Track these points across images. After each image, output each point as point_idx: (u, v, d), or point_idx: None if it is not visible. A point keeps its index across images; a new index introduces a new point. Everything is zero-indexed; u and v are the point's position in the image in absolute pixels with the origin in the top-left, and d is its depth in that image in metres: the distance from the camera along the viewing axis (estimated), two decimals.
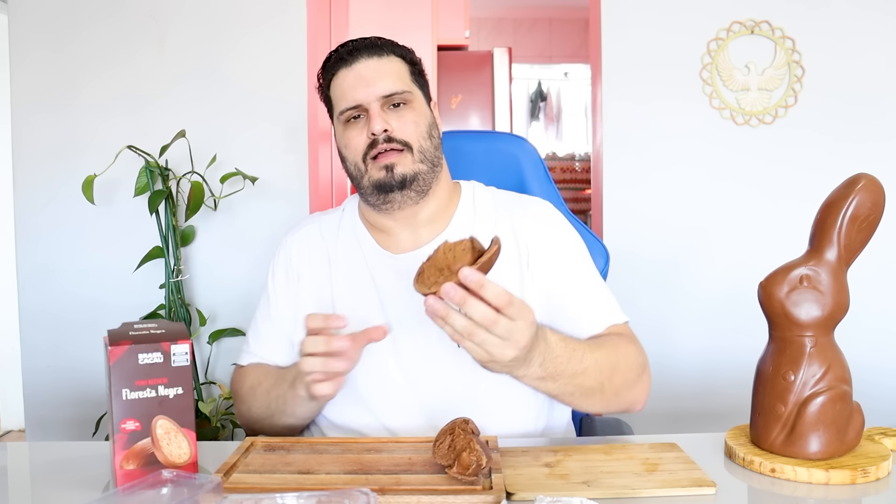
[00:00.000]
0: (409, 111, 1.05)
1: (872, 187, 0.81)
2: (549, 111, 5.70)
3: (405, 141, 1.03)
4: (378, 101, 1.03)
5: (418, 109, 1.06)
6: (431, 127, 1.07)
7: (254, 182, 1.94)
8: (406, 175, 1.02)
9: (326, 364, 0.88)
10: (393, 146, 1.02)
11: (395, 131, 1.03)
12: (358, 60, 1.05)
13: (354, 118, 1.05)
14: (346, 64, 1.05)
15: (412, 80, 1.08)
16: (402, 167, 1.02)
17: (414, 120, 1.04)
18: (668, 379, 2.10)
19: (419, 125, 1.05)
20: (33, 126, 2.00)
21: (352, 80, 1.04)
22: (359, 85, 1.04)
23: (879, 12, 2.06)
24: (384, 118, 1.02)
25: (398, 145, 1.02)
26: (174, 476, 0.73)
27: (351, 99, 1.04)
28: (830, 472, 0.78)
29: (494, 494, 0.72)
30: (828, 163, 2.08)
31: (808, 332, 0.82)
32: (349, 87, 1.04)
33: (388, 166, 1.02)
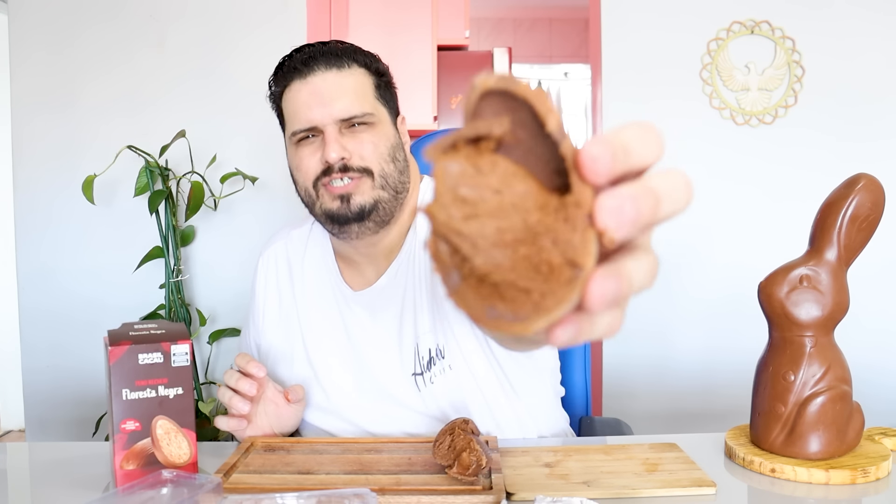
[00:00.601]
0: (370, 133, 0.93)
1: (872, 187, 0.81)
2: None
3: (364, 167, 0.92)
4: (335, 123, 0.92)
5: (381, 131, 0.94)
6: (395, 149, 0.95)
7: (254, 182, 1.94)
8: (364, 205, 0.92)
9: (231, 399, 0.91)
10: (350, 174, 0.92)
11: (352, 158, 0.92)
12: (314, 72, 0.93)
13: (307, 137, 0.94)
14: (301, 75, 0.94)
15: (376, 97, 0.96)
16: (359, 196, 0.92)
17: (374, 142, 0.93)
18: (668, 379, 2.10)
19: (380, 148, 0.93)
20: (34, 127, 2.00)
21: (306, 97, 0.93)
22: (314, 103, 0.92)
23: (879, 12, 2.06)
24: (341, 143, 0.91)
25: (355, 173, 0.92)
26: (174, 476, 0.73)
27: (304, 119, 0.93)
28: (830, 472, 0.78)
29: (494, 494, 0.71)
30: (828, 163, 2.08)
31: (808, 332, 0.82)
32: (303, 104, 0.93)
33: (344, 196, 0.92)
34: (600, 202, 0.27)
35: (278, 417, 0.96)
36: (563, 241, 0.28)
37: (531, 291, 0.28)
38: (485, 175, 0.29)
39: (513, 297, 0.28)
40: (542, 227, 0.28)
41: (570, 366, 1.21)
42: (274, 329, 1.07)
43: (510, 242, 0.28)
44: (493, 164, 0.29)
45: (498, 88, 0.29)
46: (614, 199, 0.26)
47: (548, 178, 0.29)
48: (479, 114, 0.30)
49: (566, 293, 0.27)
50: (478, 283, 0.29)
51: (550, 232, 0.28)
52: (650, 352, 2.11)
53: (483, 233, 0.29)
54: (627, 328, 2.11)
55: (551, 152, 0.29)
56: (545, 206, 0.28)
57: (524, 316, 0.28)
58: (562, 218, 0.28)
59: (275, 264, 1.10)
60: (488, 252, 0.29)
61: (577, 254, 0.27)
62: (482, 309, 0.29)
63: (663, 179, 0.28)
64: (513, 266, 0.28)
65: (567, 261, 0.28)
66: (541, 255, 0.28)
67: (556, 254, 0.28)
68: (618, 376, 2.11)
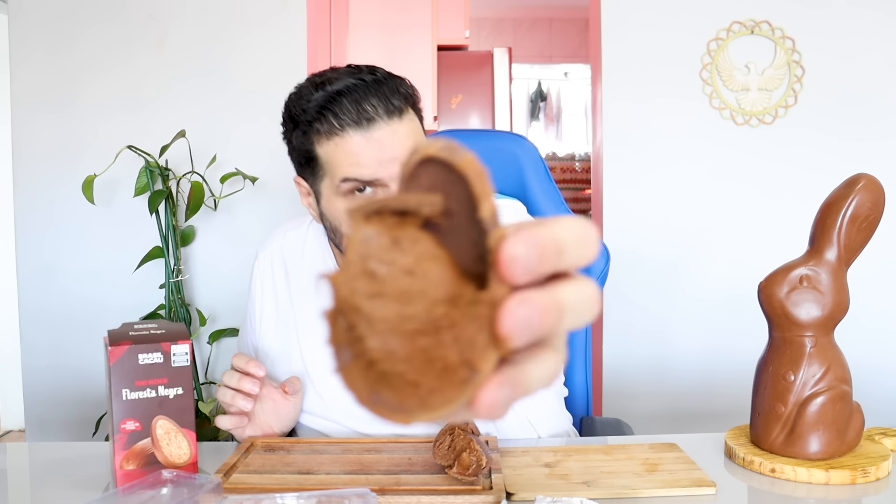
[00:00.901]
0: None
1: (872, 187, 0.81)
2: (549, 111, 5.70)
3: None
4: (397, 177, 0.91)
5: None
6: None
7: (254, 182, 1.94)
8: None
9: (234, 398, 0.91)
10: None
11: None
12: (375, 124, 0.87)
13: (362, 189, 0.89)
14: (359, 126, 0.87)
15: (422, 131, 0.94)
16: None
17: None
18: (668, 379, 2.10)
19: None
20: (34, 127, 2.00)
21: (370, 151, 0.87)
22: (384, 158, 0.86)
23: (879, 12, 2.06)
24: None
25: None
26: (174, 476, 0.73)
27: (369, 174, 0.87)
28: (830, 472, 0.78)
29: (494, 494, 0.72)
30: (828, 163, 2.08)
31: (808, 332, 0.82)
32: (368, 158, 0.87)
33: None
34: (510, 308, 0.25)
35: (276, 414, 0.96)
36: (465, 339, 0.26)
37: (420, 386, 0.26)
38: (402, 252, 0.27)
39: (400, 388, 0.27)
40: (446, 322, 0.26)
41: (571, 366, 1.21)
42: (271, 332, 1.07)
43: (409, 332, 0.27)
44: (414, 242, 0.27)
45: (439, 158, 0.27)
46: (525, 307, 0.25)
47: (471, 261, 0.27)
48: (416, 177, 0.29)
49: (456, 395, 0.26)
50: (368, 366, 0.28)
51: (454, 328, 0.26)
52: (650, 352, 2.11)
53: (384, 316, 0.27)
54: (628, 328, 2.11)
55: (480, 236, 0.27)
56: (457, 298, 0.27)
57: (408, 408, 0.27)
58: (470, 314, 0.26)
59: (270, 266, 1.09)
60: (385, 337, 0.27)
61: (476, 356, 0.26)
62: (367, 393, 0.27)
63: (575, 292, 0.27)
64: (407, 357, 0.27)
65: (464, 361, 0.26)
66: (438, 350, 0.26)
67: (454, 351, 0.26)
68: (618, 376, 2.11)
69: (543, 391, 1.00)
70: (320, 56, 2.18)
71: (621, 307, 2.10)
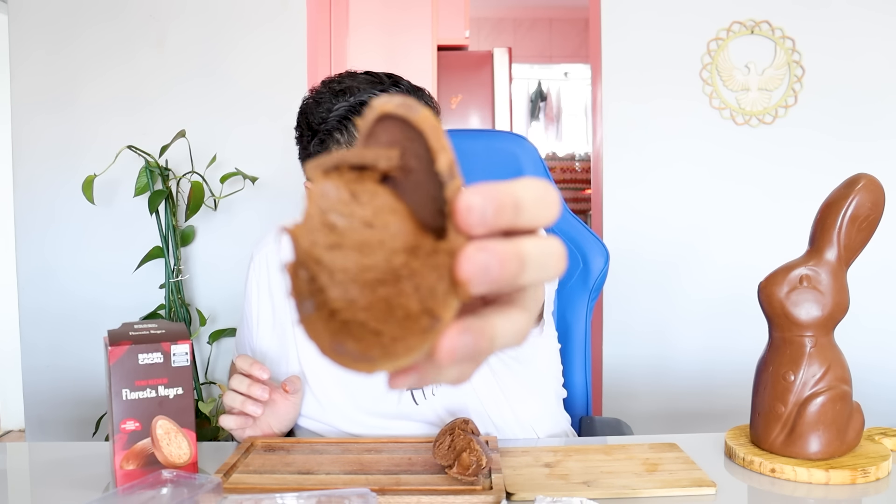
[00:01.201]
0: None
1: (872, 187, 0.81)
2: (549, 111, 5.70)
3: None
4: None
5: None
6: None
7: (254, 182, 1.94)
8: None
9: (244, 404, 0.91)
10: None
11: None
12: None
13: None
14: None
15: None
16: None
17: None
18: (668, 379, 2.10)
19: None
20: (34, 126, 2.00)
21: None
22: None
23: (879, 12, 2.06)
24: None
25: None
26: (174, 476, 0.73)
27: None
28: (830, 472, 0.78)
29: (494, 494, 0.72)
30: (828, 163, 2.08)
31: (808, 332, 0.82)
32: None
33: None
34: (468, 253, 0.25)
35: (276, 414, 0.96)
36: (425, 287, 0.27)
37: (382, 334, 0.27)
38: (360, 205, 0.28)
39: (362, 337, 0.27)
40: (406, 271, 0.27)
41: (571, 366, 1.21)
42: (267, 334, 1.07)
43: (370, 281, 0.27)
44: (373, 195, 0.28)
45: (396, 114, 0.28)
46: (484, 254, 0.25)
47: (430, 215, 0.28)
48: (374, 135, 0.29)
49: (417, 342, 0.26)
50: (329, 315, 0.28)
51: (415, 277, 0.27)
52: (650, 352, 2.11)
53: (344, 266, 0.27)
54: (628, 328, 2.11)
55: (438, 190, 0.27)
56: (416, 248, 0.27)
57: (371, 357, 0.27)
58: (430, 264, 0.27)
59: (266, 268, 1.09)
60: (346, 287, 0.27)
61: (437, 304, 0.26)
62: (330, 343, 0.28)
63: (538, 246, 0.27)
64: (368, 306, 0.27)
65: (425, 309, 0.26)
66: (399, 299, 0.27)
67: (415, 300, 0.27)
68: (618, 376, 2.11)
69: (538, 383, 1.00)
70: (320, 56, 2.18)
71: (621, 307, 2.10)
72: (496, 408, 0.97)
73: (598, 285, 1.23)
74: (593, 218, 2.26)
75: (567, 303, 1.22)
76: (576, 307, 1.22)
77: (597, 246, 1.25)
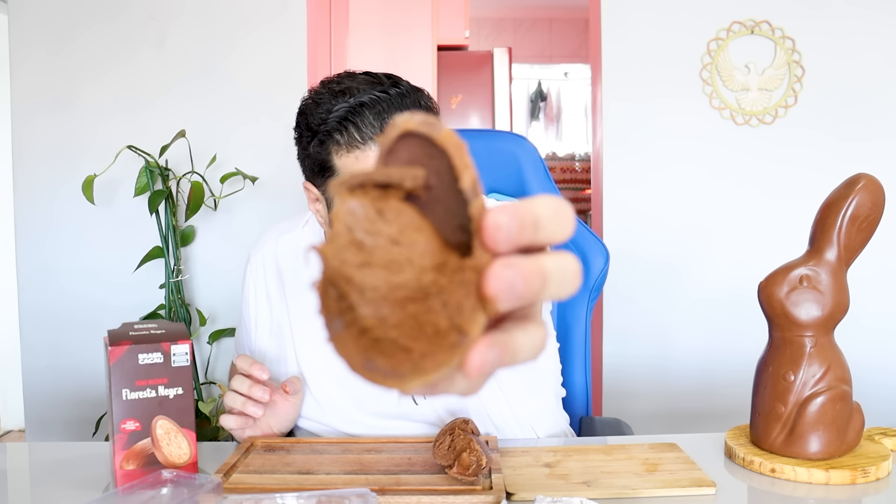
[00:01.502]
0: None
1: (872, 187, 0.81)
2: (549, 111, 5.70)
3: None
4: None
5: None
6: None
7: (254, 182, 1.94)
8: None
9: (245, 405, 0.91)
10: None
11: None
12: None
13: None
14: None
15: None
16: None
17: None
18: (668, 379, 2.10)
19: None
20: (34, 127, 2.00)
21: None
22: None
23: (879, 12, 2.06)
24: None
25: None
26: (174, 476, 0.73)
27: None
28: (830, 472, 0.78)
29: (494, 494, 0.72)
30: (828, 162, 2.08)
31: (808, 332, 0.82)
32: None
33: None
34: (495, 270, 0.26)
35: (276, 414, 0.96)
36: (453, 304, 0.27)
37: (412, 351, 0.27)
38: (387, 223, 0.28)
39: (392, 354, 0.28)
40: (434, 288, 0.27)
41: (571, 366, 1.21)
42: (265, 335, 1.07)
43: (399, 299, 0.28)
44: (398, 213, 0.28)
45: (419, 132, 0.28)
46: (510, 271, 0.26)
47: (452, 231, 0.29)
48: (395, 152, 0.29)
49: (447, 358, 0.27)
50: (360, 333, 0.28)
51: (443, 294, 0.27)
52: (650, 352, 2.11)
53: (374, 284, 0.28)
54: (628, 329, 2.11)
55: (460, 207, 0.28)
56: (442, 265, 0.28)
57: (401, 374, 0.27)
58: (457, 281, 0.27)
59: (263, 270, 1.08)
60: (376, 305, 0.28)
61: (465, 320, 0.27)
62: (360, 360, 0.28)
63: (557, 262, 0.28)
64: (398, 323, 0.28)
65: (454, 325, 0.27)
66: (428, 316, 0.27)
67: (443, 317, 0.27)
68: (618, 377, 2.11)
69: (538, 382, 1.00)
70: (320, 56, 2.18)
71: (621, 308, 2.11)
72: (496, 407, 0.98)
73: (599, 285, 1.23)
74: (593, 218, 2.26)
75: (567, 303, 1.22)
76: (576, 307, 1.22)
77: (597, 246, 1.25)
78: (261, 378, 0.91)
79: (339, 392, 1.00)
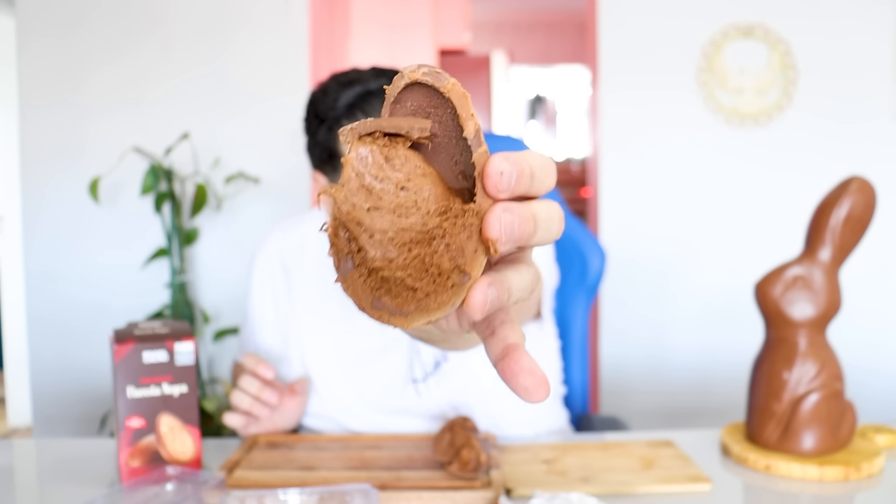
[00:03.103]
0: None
1: (865, 190, 0.82)
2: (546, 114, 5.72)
3: None
4: None
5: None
6: None
7: (257, 182, 1.95)
8: None
9: (252, 405, 0.92)
10: None
11: None
12: None
13: None
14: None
15: None
16: None
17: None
18: (665, 378, 2.12)
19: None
20: (41, 128, 2.02)
21: None
22: None
23: (872, 12, 2.08)
24: None
25: None
26: (178, 473, 0.74)
27: None
28: (824, 468, 0.79)
29: (493, 490, 0.73)
30: (822, 165, 2.09)
31: (803, 331, 0.83)
32: None
33: None
34: (496, 214, 0.28)
35: (280, 413, 0.97)
36: (455, 246, 0.29)
37: (417, 290, 0.29)
38: (394, 169, 0.30)
39: (399, 293, 0.30)
40: (439, 231, 0.29)
41: (570, 364, 1.23)
42: (272, 333, 1.08)
43: (406, 241, 0.30)
44: (405, 160, 0.30)
45: (425, 82, 0.30)
46: (510, 215, 0.28)
47: (455, 178, 0.31)
48: (401, 101, 0.31)
49: (450, 297, 0.29)
50: (368, 273, 0.30)
51: (446, 237, 0.29)
52: (648, 351, 2.12)
53: (382, 227, 0.30)
54: (626, 328, 2.12)
55: (463, 155, 0.30)
56: (446, 210, 0.30)
57: (406, 312, 0.29)
58: (460, 225, 0.29)
59: (268, 268, 1.09)
60: (384, 247, 0.30)
61: (467, 261, 0.29)
62: (369, 299, 0.30)
63: (545, 209, 0.30)
64: (405, 264, 0.29)
65: (456, 266, 0.29)
66: (433, 258, 0.29)
67: (447, 258, 0.29)
68: (616, 375, 2.12)
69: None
70: (322, 59, 2.20)
71: (618, 307, 2.12)
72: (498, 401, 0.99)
73: (596, 285, 1.24)
74: (590, 220, 2.28)
75: (565, 301, 1.23)
76: (574, 306, 1.23)
77: (594, 246, 1.27)
78: (266, 377, 0.92)
79: (343, 385, 1.01)
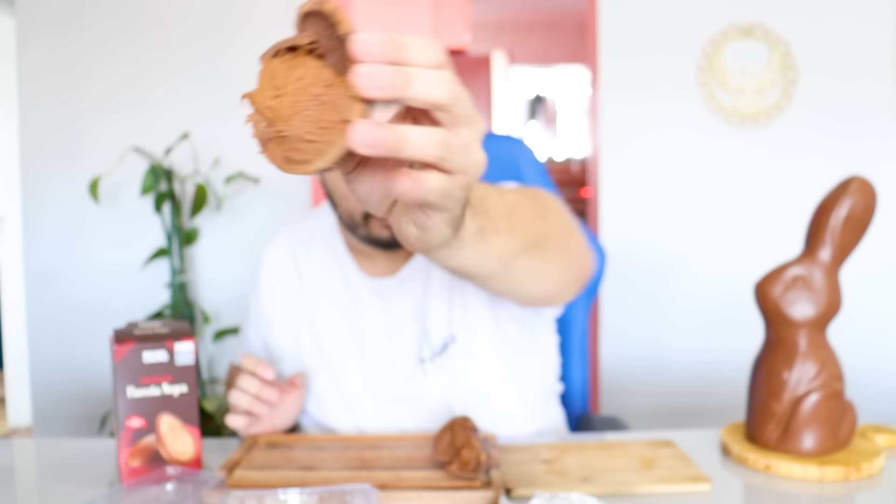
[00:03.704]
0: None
1: (865, 190, 0.82)
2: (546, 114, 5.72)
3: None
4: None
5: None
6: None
7: (257, 183, 1.95)
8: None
9: (252, 404, 0.92)
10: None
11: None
12: None
13: None
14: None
15: None
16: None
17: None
18: (665, 378, 2.12)
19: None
20: (40, 129, 2.02)
21: None
22: None
23: (872, 11, 2.08)
24: None
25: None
26: (178, 473, 0.74)
27: None
28: (824, 468, 0.79)
29: (493, 490, 0.73)
30: (822, 165, 2.09)
31: (803, 331, 0.83)
32: None
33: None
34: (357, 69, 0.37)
35: (279, 410, 0.97)
36: (340, 106, 0.38)
37: (315, 142, 0.39)
38: (294, 69, 0.40)
39: (303, 148, 0.39)
40: (326, 98, 0.39)
41: (570, 364, 1.23)
42: (281, 327, 1.08)
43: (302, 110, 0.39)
44: (302, 63, 0.40)
45: (313, 10, 0.39)
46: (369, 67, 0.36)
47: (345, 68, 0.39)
48: (303, 28, 0.41)
49: (337, 138, 0.38)
50: (280, 141, 0.40)
51: (332, 101, 0.39)
52: (648, 352, 2.12)
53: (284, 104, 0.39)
54: (626, 328, 2.12)
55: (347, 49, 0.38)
56: (332, 84, 0.39)
57: (308, 160, 0.39)
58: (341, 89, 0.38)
59: (278, 261, 1.10)
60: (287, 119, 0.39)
61: (347, 111, 0.38)
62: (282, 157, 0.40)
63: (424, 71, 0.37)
64: (302, 124, 0.39)
65: (341, 118, 0.38)
66: (324, 117, 0.39)
67: (334, 114, 0.39)
68: (616, 375, 2.12)
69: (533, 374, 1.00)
70: None
71: (618, 307, 2.12)
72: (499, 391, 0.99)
73: (595, 284, 1.24)
74: (590, 220, 2.28)
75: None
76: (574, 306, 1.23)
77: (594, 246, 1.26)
78: (266, 377, 0.92)
79: (351, 366, 1.01)
